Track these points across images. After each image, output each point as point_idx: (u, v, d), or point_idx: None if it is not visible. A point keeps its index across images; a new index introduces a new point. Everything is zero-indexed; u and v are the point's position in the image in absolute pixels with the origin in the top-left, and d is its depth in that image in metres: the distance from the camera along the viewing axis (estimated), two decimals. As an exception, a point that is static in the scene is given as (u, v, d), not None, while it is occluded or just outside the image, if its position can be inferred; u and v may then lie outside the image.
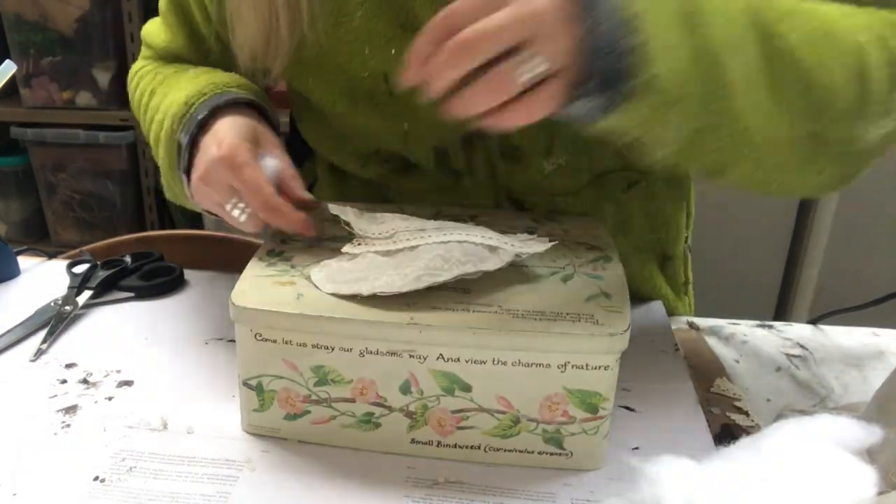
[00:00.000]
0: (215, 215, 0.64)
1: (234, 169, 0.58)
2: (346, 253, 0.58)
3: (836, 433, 0.49)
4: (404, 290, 0.53)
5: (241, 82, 0.68)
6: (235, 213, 0.60)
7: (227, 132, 0.60)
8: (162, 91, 0.71)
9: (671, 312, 0.81)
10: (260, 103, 0.66)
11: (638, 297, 0.79)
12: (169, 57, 0.78)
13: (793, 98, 0.50)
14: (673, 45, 0.46)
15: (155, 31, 0.80)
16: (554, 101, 0.46)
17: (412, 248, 0.56)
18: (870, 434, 0.49)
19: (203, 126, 0.62)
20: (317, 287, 0.55)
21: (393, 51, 0.64)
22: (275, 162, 0.61)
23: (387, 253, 0.57)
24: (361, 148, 0.74)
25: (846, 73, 0.50)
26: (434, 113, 0.65)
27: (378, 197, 0.77)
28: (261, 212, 0.58)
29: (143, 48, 0.83)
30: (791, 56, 0.49)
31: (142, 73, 0.79)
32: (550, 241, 0.58)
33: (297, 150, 0.82)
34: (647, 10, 0.46)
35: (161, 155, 0.67)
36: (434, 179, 0.73)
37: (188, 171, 0.63)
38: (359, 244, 0.58)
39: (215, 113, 0.63)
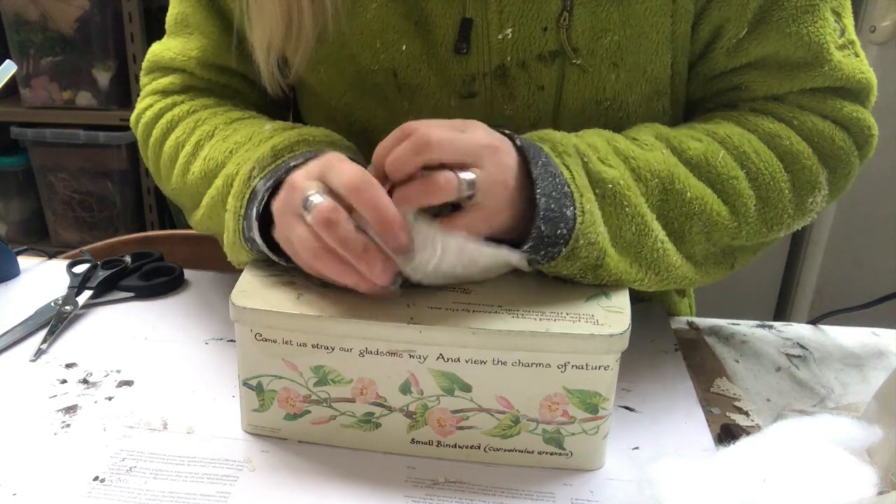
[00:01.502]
0: (285, 261, 0.57)
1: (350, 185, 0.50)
2: None
3: (836, 433, 0.49)
4: (425, 282, 0.52)
5: (335, 139, 0.62)
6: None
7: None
8: (219, 145, 0.64)
9: (672, 312, 0.81)
10: (357, 159, 0.59)
11: (638, 298, 0.78)
12: (207, 70, 0.71)
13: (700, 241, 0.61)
14: (599, 222, 0.54)
15: (177, 46, 0.72)
16: (471, 230, 0.52)
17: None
18: (870, 434, 0.49)
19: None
20: None
21: (404, 47, 0.64)
22: None
23: None
24: (364, 146, 0.73)
25: (724, 206, 0.61)
26: (440, 113, 0.66)
27: None
28: (377, 224, 0.49)
29: (156, 80, 0.74)
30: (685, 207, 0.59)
31: (175, 116, 0.70)
32: None
33: None
34: (582, 188, 0.54)
35: (231, 206, 0.58)
36: None
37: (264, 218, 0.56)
38: None
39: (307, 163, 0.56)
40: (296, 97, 0.80)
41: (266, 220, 0.56)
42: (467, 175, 0.51)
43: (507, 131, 0.55)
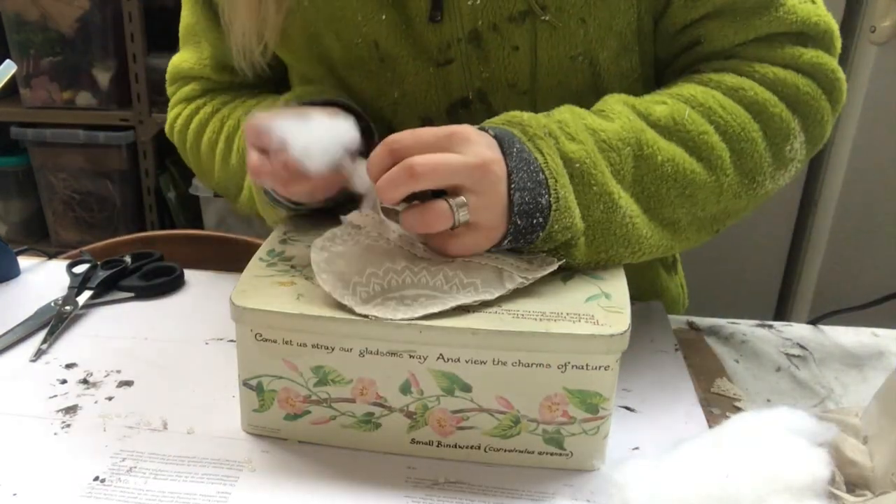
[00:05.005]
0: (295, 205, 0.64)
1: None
2: (349, 223, 0.58)
3: (790, 423, 0.51)
4: (398, 317, 0.51)
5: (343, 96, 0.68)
6: None
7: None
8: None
9: (663, 293, 0.82)
10: (358, 110, 0.66)
11: (638, 298, 0.79)
12: (221, 73, 0.78)
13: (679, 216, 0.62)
14: (573, 206, 0.56)
15: (190, 55, 0.80)
16: (472, 249, 0.55)
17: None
18: (825, 429, 0.51)
19: None
20: (314, 270, 0.54)
21: (384, 17, 0.65)
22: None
23: (388, 241, 0.56)
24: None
25: (701, 165, 0.61)
26: (421, 81, 0.68)
27: None
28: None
29: (180, 89, 0.82)
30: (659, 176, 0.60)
31: (202, 119, 0.79)
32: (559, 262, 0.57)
33: None
34: (556, 173, 0.55)
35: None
36: None
37: None
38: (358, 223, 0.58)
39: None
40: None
41: None
42: (459, 201, 0.52)
43: (485, 127, 0.56)
